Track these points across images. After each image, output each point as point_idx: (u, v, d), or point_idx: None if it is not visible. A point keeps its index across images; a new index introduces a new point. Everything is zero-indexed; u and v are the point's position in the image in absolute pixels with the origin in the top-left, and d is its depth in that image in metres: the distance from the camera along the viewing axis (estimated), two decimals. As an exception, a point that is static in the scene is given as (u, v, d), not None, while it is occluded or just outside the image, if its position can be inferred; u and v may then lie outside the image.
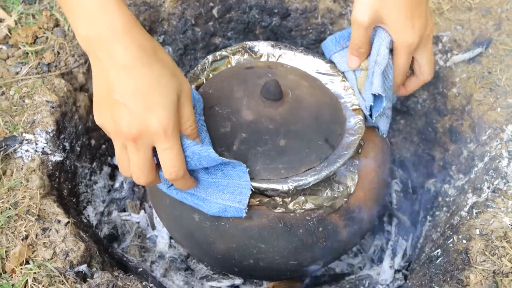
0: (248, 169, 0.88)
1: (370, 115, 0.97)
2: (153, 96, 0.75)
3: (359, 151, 0.98)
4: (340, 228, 0.96)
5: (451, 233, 1.03)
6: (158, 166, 0.82)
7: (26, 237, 0.97)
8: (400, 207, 1.29)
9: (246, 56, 1.08)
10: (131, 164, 0.80)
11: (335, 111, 0.99)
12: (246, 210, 0.89)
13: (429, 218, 1.23)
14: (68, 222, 1.01)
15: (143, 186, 1.33)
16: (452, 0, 1.27)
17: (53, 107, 1.14)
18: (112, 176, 1.33)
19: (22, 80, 1.17)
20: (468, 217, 1.02)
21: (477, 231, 0.98)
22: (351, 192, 0.96)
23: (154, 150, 0.79)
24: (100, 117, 0.79)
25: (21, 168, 1.05)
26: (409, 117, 1.33)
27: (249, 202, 0.89)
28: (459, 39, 1.23)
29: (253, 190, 0.89)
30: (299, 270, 1.01)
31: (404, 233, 1.25)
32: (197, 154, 0.81)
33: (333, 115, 0.99)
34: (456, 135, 1.20)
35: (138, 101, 0.74)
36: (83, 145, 1.23)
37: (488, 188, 1.04)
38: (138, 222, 1.26)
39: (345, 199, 0.95)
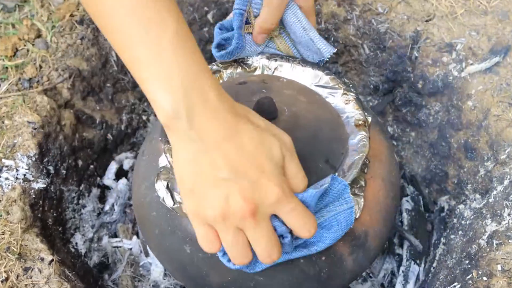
0: (337, 173, 0.82)
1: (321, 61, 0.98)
2: (262, 161, 0.67)
3: (365, 170, 0.89)
4: (345, 256, 0.88)
5: (469, 265, 0.95)
6: None
7: (6, 279, 0.89)
8: (411, 228, 1.20)
9: (239, 69, 0.99)
10: (255, 244, 0.70)
11: (336, 128, 0.90)
12: (354, 208, 0.81)
13: (443, 240, 1.14)
14: (52, 260, 0.92)
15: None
16: (466, 3, 1.18)
17: (35, 128, 1.05)
18: (102, 197, 1.24)
19: (1, 98, 1.08)
20: (488, 249, 0.93)
21: (499, 267, 0.89)
22: (357, 216, 0.86)
23: None
24: (201, 207, 0.68)
25: (0, 199, 0.97)
26: (421, 130, 1.24)
27: None
28: (474, 46, 1.14)
29: (349, 184, 0.81)
30: None
31: (416, 256, 1.16)
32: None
33: (334, 132, 0.89)
34: (472, 152, 1.12)
35: (248, 171, 0.66)
36: (69, 167, 1.14)
37: (509, 215, 0.95)
38: (131, 249, 1.17)
39: None
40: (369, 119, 0.92)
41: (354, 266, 0.90)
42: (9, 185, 0.99)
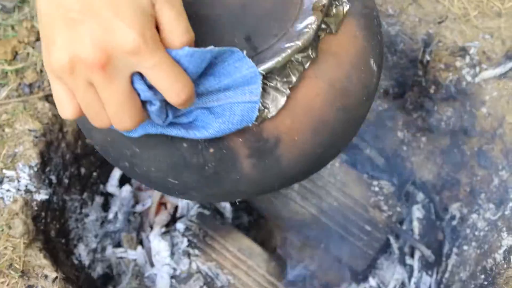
0: (244, 51, 0.63)
1: None
2: (119, 1, 0.54)
3: (306, 66, 0.69)
4: (241, 157, 0.71)
5: (485, 282, 0.92)
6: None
7: (9, 297, 0.86)
8: (422, 237, 1.17)
9: None
10: (105, 105, 0.57)
11: (282, 4, 0.72)
12: (260, 103, 0.65)
13: (455, 250, 1.11)
14: (56, 277, 0.89)
15: (140, 214, 1.21)
16: (480, 5, 1.14)
17: (36, 137, 1.02)
18: (105, 205, 1.21)
19: (1, 105, 1.04)
20: (505, 265, 0.91)
21: (517, 285, 0.87)
22: (269, 116, 0.68)
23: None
24: (49, 55, 0.55)
25: (2, 213, 0.93)
26: (432, 135, 1.21)
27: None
28: (489, 50, 1.10)
29: (264, 75, 0.64)
30: (185, 192, 0.78)
31: (428, 267, 1.14)
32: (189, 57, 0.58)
33: (277, 8, 0.71)
34: (486, 160, 1.09)
35: (101, 11, 0.54)
36: (72, 176, 1.10)
37: (526, 229, 0.93)
38: (135, 260, 1.14)
39: (255, 122, 0.68)
40: (346, 7, 0.72)
41: (251, 173, 0.72)
42: (10, 197, 0.95)
